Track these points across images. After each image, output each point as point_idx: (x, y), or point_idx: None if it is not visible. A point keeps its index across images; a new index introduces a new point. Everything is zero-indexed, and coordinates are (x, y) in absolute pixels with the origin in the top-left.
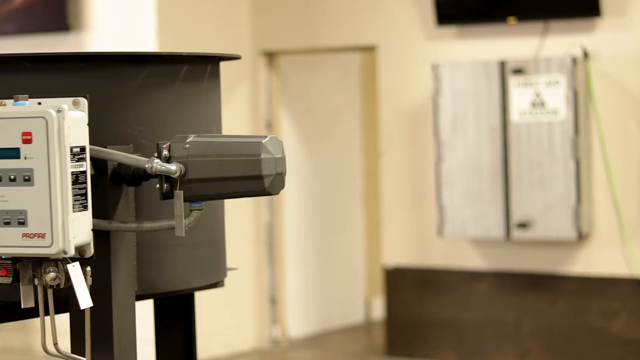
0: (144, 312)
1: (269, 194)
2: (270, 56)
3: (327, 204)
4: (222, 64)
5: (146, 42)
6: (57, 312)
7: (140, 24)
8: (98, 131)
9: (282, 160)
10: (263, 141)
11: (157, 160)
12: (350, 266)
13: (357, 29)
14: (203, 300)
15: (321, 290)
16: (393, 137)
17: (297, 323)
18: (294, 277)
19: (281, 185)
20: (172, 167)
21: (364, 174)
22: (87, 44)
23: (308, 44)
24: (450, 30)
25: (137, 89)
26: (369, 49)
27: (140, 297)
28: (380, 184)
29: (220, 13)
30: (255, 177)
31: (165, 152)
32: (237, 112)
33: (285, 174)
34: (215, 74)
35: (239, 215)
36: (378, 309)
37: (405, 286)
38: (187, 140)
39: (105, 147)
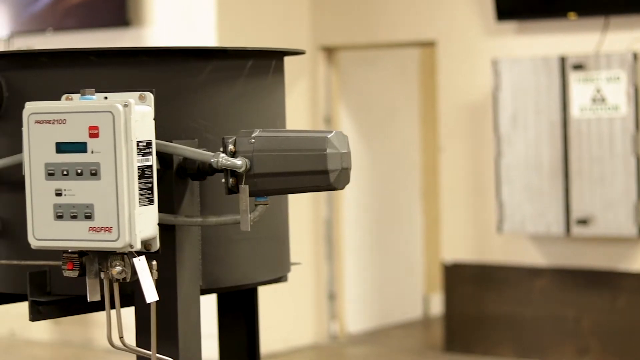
0: (206, 306)
1: (334, 188)
2: (330, 51)
3: (385, 199)
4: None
5: (205, 37)
6: (122, 305)
7: (199, 19)
8: (163, 125)
9: (348, 155)
10: (329, 136)
11: (222, 155)
12: (408, 262)
13: (417, 25)
14: (262, 295)
15: (380, 286)
16: (452, 132)
17: (356, 318)
18: (353, 272)
19: (346, 180)
20: (238, 161)
21: (423, 170)
22: (146, 39)
23: (367, 39)
24: (510, 25)
25: (202, 83)
26: (428, 45)
27: (204, 292)
28: (439, 180)
29: (279, 8)
30: (320, 172)
31: (230, 147)
32: (296, 108)
33: (350, 168)
34: (280, 69)
35: (298, 210)
36: (436, 305)
37: (464, 282)
38: (252, 135)
39: (171, 142)
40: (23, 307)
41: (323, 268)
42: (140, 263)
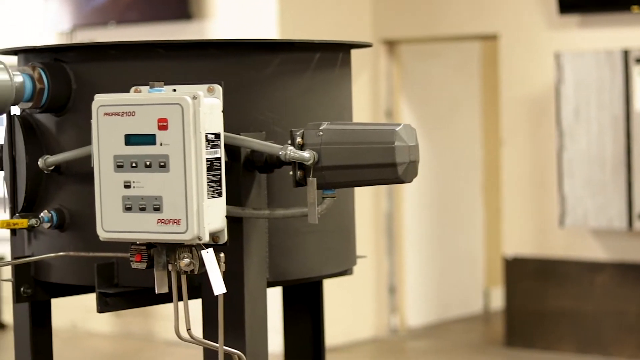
0: (270, 300)
1: (402, 181)
2: (391, 45)
3: (446, 193)
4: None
5: (267, 30)
6: (189, 298)
7: (261, 12)
8: (231, 118)
9: (416, 148)
10: (397, 129)
11: (290, 148)
12: (469, 256)
13: (479, 18)
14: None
15: (440, 280)
16: (514, 126)
17: (416, 312)
18: (413, 266)
19: (414, 173)
20: (306, 154)
21: (484, 163)
22: (208, 32)
23: (429, 32)
24: (572, 19)
25: (270, 76)
26: (490, 38)
27: (270, 284)
28: (501, 174)
29: (341, 1)
30: (388, 165)
31: (298, 140)
32: (358, 101)
33: (418, 161)
34: (346, 62)
35: (359, 203)
36: (497, 299)
37: (525, 276)
38: (320, 128)
39: (239, 134)
40: (84, 299)
41: (384, 261)
42: (208, 255)
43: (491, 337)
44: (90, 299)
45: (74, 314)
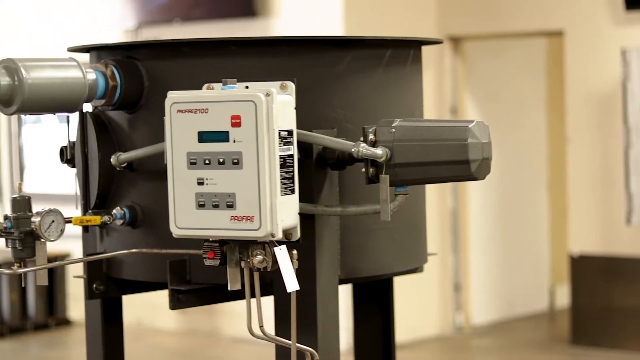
0: (340, 297)
1: (475, 178)
2: (456, 41)
3: (511, 190)
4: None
5: (332, 27)
6: (261, 295)
7: (326, 9)
8: (302, 115)
9: (489, 145)
10: (470, 126)
11: (363, 145)
12: (534, 253)
13: (544, 14)
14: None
15: (505, 277)
16: (580, 123)
17: (481, 310)
18: (478, 263)
19: (487, 170)
20: (378, 151)
21: (550, 161)
22: (273, 30)
23: (494, 29)
24: (638, 15)
25: (341, 73)
26: (555, 34)
27: (342, 281)
28: (567, 171)
29: None
30: (461, 162)
31: (371, 136)
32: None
33: (491, 158)
34: (417, 59)
35: None
36: (563, 297)
37: (591, 274)
38: (393, 125)
39: (311, 131)
40: (150, 295)
41: (449, 259)
42: (281, 252)
43: (556, 335)
44: (156, 295)
45: (140, 310)
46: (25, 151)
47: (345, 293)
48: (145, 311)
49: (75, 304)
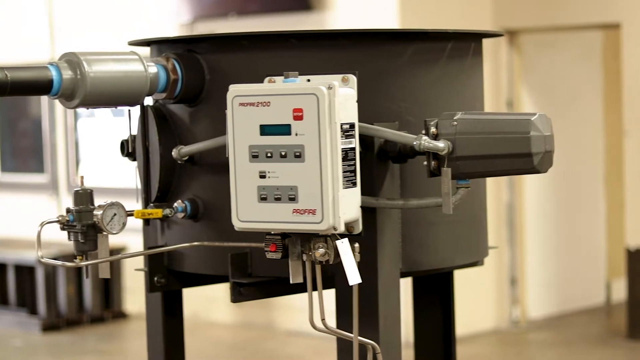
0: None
1: (537, 171)
2: (512, 35)
3: (567, 184)
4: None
5: (387, 20)
6: (323, 288)
7: (381, 2)
8: (364, 108)
9: (551, 137)
10: (532, 118)
11: (425, 138)
12: (591, 247)
13: (601, 7)
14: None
15: (561, 271)
16: (637, 116)
17: (537, 304)
18: (534, 257)
19: (549, 163)
20: (440, 144)
21: (606, 154)
22: (328, 23)
23: (550, 22)
24: None
25: (402, 66)
26: (612, 27)
27: (403, 274)
28: (624, 164)
29: None
30: (524, 155)
31: (433, 129)
32: None
33: (553, 151)
34: (478, 52)
35: None
36: (619, 291)
37: None
38: (454, 118)
39: (372, 124)
40: (206, 289)
41: (505, 253)
42: (343, 245)
43: (613, 330)
44: (212, 289)
45: (196, 303)
46: (80, 145)
47: (404, 286)
48: (201, 304)
49: (132, 297)
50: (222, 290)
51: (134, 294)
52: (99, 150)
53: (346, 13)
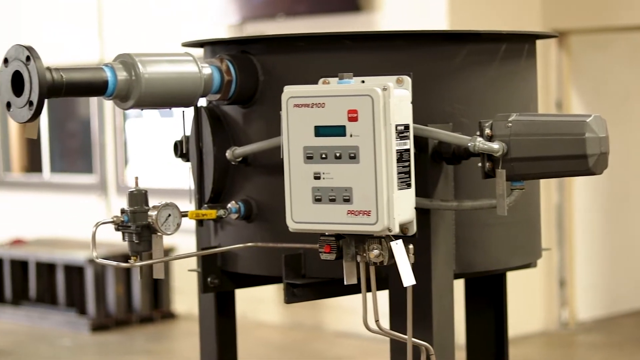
0: None
1: (592, 173)
2: (561, 35)
3: (617, 184)
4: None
5: (436, 21)
6: (377, 289)
7: (431, 3)
8: (417, 109)
9: (606, 139)
10: (587, 120)
11: (479, 139)
12: None
13: None
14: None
15: (611, 273)
16: None
17: (586, 306)
18: (583, 259)
19: (605, 165)
20: (495, 145)
21: None
22: (377, 24)
23: (600, 23)
24: None
25: (456, 67)
26: None
27: (456, 276)
28: None
29: None
30: (579, 157)
31: (487, 131)
32: None
33: (608, 153)
34: (532, 53)
35: None
36: None
37: None
38: (509, 119)
39: (426, 125)
40: (255, 290)
41: (554, 255)
42: (398, 247)
43: None
44: (261, 289)
45: (244, 304)
46: (128, 145)
47: (456, 288)
48: (250, 305)
49: (180, 297)
50: (270, 290)
51: (183, 294)
52: (146, 151)
53: (395, 14)
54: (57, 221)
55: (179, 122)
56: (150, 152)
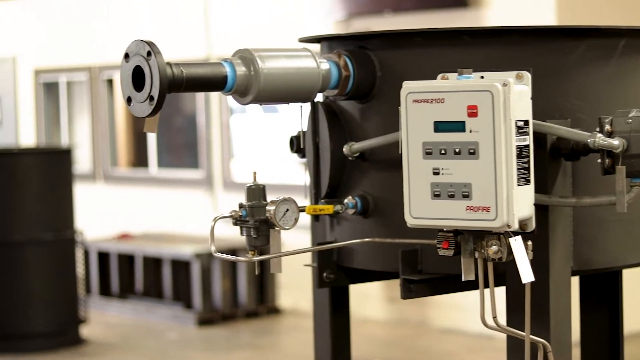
0: None
1: None
2: None
3: None
4: None
5: (545, 16)
6: (494, 285)
7: None
8: (536, 104)
9: None
10: None
11: (599, 135)
12: None
13: None
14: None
15: None
16: None
17: None
18: None
19: None
20: (615, 141)
21: None
22: (484, 20)
23: None
24: None
25: (575, 63)
26: None
27: (574, 273)
28: None
29: None
30: None
31: (607, 127)
32: None
33: None
34: None
35: None
36: None
37: None
38: (629, 115)
39: (545, 121)
40: (360, 285)
41: None
42: (517, 243)
43: None
44: (366, 285)
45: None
46: (233, 140)
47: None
48: (354, 301)
49: (286, 292)
50: (375, 287)
51: (288, 289)
52: (250, 147)
53: (503, 9)
54: (163, 216)
55: (283, 118)
56: (254, 147)
